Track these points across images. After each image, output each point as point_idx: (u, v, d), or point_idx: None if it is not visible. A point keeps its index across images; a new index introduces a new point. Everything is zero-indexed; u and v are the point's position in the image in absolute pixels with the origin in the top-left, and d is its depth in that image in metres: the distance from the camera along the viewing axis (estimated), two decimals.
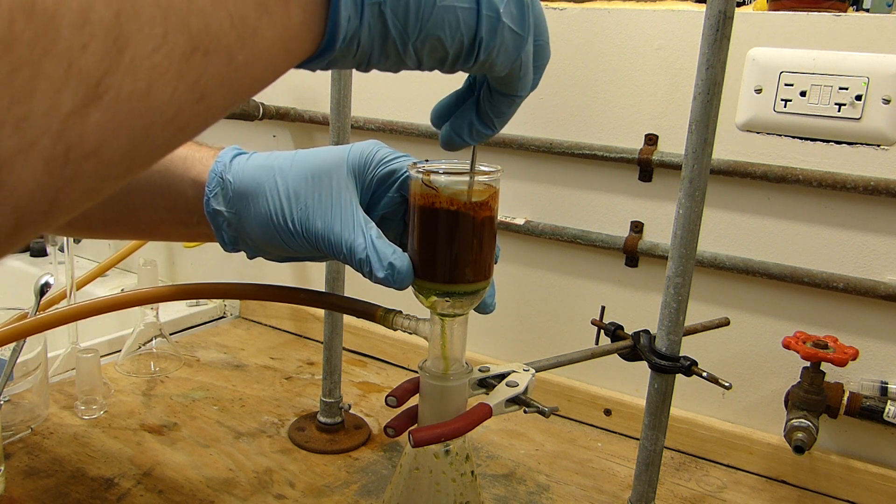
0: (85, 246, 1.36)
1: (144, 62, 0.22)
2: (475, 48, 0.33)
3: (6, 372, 0.71)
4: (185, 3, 0.23)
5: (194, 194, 0.50)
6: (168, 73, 0.23)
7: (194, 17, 0.24)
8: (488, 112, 0.39)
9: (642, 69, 0.80)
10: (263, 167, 0.49)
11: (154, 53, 0.22)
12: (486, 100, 0.39)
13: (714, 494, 0.75)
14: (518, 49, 0.35)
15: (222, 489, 0.70)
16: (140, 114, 0.23)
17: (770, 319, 0.78)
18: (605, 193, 0.85)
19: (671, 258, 0.56)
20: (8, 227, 0.21)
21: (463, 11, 0.32)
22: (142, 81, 0.22)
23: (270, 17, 0.27)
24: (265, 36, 0.27)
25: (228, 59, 0.25)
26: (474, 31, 0.33)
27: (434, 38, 0.32)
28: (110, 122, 0.22)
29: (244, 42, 0.26)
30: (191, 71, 0.24)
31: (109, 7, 0.21)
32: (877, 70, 0.68)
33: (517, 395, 0.51)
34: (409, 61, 0.33)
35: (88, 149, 0.22)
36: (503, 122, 0.40)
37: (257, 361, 1.00)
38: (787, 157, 0.74)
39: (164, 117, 0.24)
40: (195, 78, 0.24)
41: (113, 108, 0.22)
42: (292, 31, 0.28)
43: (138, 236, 0.61)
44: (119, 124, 0.22)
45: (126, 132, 0.23)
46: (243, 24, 0.26)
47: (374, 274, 0.45)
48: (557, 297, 0.91)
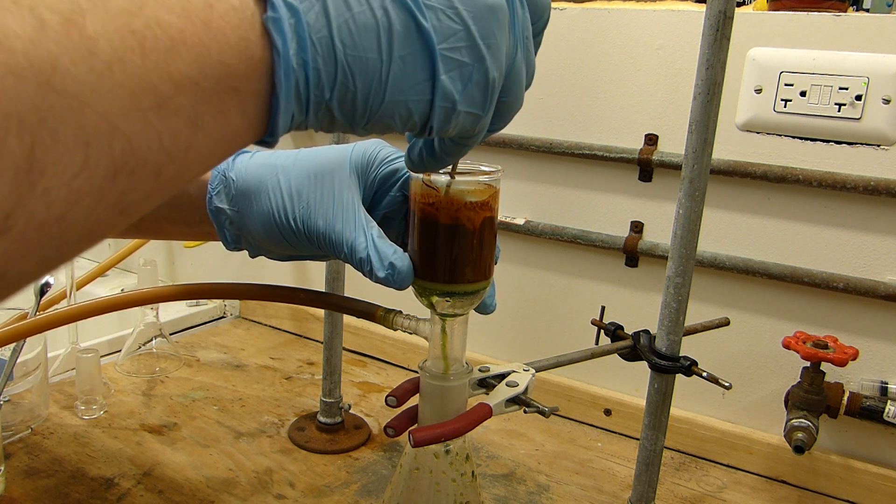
0: None
1: (61, 191, 0.21)
2: (426, 130, 0.32)
3: (6, 372, 0.71)
4: (108, 129, 0.22)
5: (197, 192, 0.50)
6: (87, 196, 0.22)
7: (118, 142, 0.22)
8: (441, 152, 0.38)
9: (642, 69, 0.80)
10: (266, 165, 0.49)
11: (72, 181, 0.21)
12: (439, 142, 0.38)
13: (714, 494, 0.75)
14: (475, 124, 0.34)
15: (222, 489, 0.70)
16: (53, 237, 0.22)
17: (770, 319, 0.78)
18: (605, 193, 0.85)
19: (671, 258, 0.56)
20: None
21: (415, 104, 0.31)
22: (57, 209, 0.21)
23: (206, 132, 0.26)
24: (199, 148, 0.26)
25: (156, 175, 0.24)
26: (426, 119, 0.32)
27: (382, 124, 0.31)
28: (19, 249, 0.21)
29: (174, 157, 0.25)
30: (113, 191, 0.23)
31: (23, 142, 0.20)
32: (877, 70, 0.68)
33: (517, 395, 0.51)
34: (357, 135, 0.33)
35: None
36: (455, 160, 0.39)
37: (257, 361, 1.00)
38: (787, 157, 0.75)
39: (79, 235, 0.23)
40: (117, 197, 0.23)
41: (22, 237, 0.21)
42: (230, 138, 0.27)
43: (140, 235, 0.61)
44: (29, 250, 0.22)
45: (35, 256, 0.22)
46: (174, 142, 0.24)
47: (374, 273, 0.45)
48: (557, 297, 0.91)
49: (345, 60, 0.28)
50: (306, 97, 0.29)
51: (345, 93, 0.29)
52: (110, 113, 0.22)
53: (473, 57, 0.31)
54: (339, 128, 0.32)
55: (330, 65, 0.28)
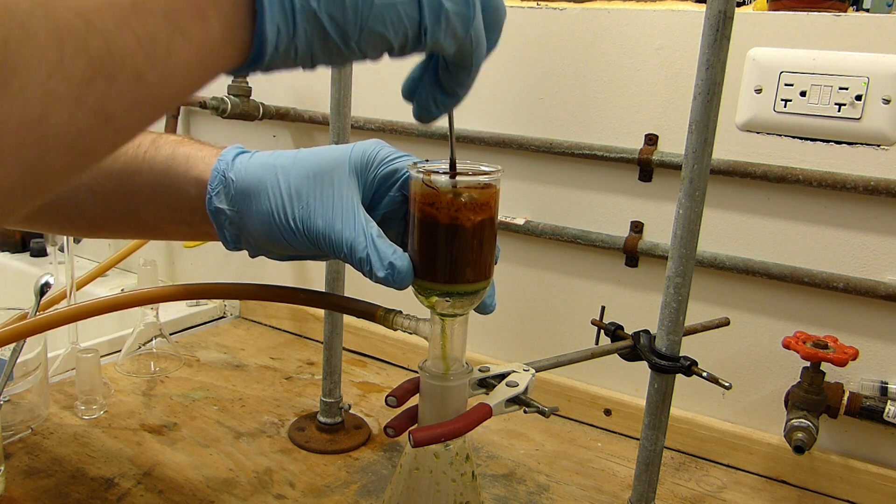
0: (85, 246, 1.36)
1: (37, 89, 0.21)
2: (421, 37, 0.32)
3: (6, 372, 0.71)
4: (84, 25, 0.22)
5: (197, 193, 0.50)
6: (65, 98, 0.22)
7: (94, 40, 0.22)
8: (449, 83, 0.38)
9: (642, 69, 0.80)
10: (266, 165, 0.49)
11: (48, 80, 0.21)
12: (444, 72, 0.38)
13: (714, 494, 0.75)
14: (466, 26, 0.34)
15: (222, 489, 0.70)
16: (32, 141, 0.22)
17: (770, 319, 0.78)
18: (605, 193, 0.85)
19: (671, 258, 0.56)
20: None
21: (403, 5, 0.31)
22: (34, 109, 0.21)
23: (184, 35, 0.25)
24: (179, 53, 0.25)
25: (137, 80, 0.24)
26: (418, 22, 0.32)
27: (376, 34, 0.31)
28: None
29: (155, 62, 0.24)
30: (92, 94, 0.23)
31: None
32: (877, 70, 0.68)
33: (517, 395, 0.51)
34: (354, 57, 0.32)
35: None
36: (466, 89, 0.39)
37: (257, 361, 1.00)
38: (787, 157, 0.75)
39: (63, 143, 0.23)
40: (98, 101, 0.23)
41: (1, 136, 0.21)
42: (212, 46, 0.27)
43: (140, 235, 0.61)
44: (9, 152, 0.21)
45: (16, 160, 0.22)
46: (152, 43, 0.24)
47: (374, 273, 0.45)
48: (557, 297, 0.91)
49: None
50: (291, 3, 0.28)
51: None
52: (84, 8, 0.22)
53: None
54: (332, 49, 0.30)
55: None
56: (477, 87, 0.40)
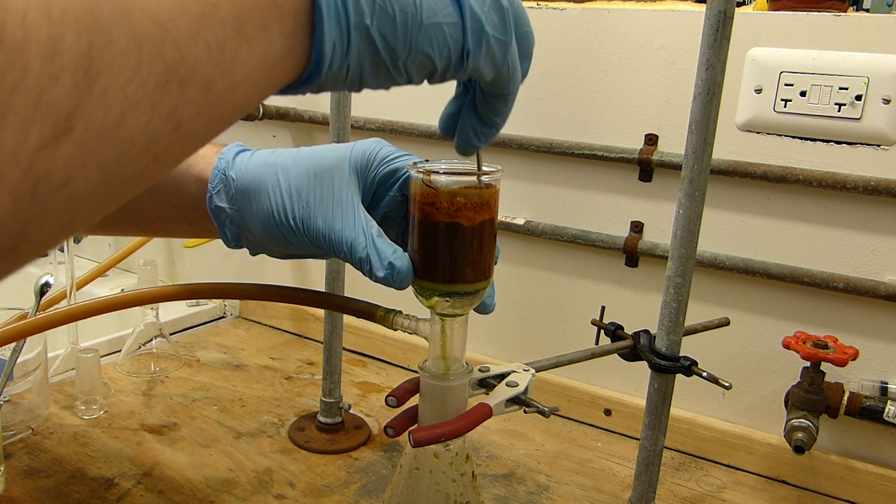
0: (85, 246, 1.36)
1: (117, 93, 0.22)
2: (463, 60, 0.34)
3: (6, 372, 0.71)
4: (160, 32, 0.23)
5: (198, 191, 0.50)
6: (142, 103, 0.23)
7: (169, 47, 0.23)
8: (487, 114, 0.40)
9: (642, 69, 0.80)
10: (266, 164, 0.49)
11: (127, 84, 0.22)
12: (482, 102, 0.39)
13: (714, 494, 0.75)
14: (504, 53, 0.36)
15: (222, 489, 0.70)
16: (112, 145, 0.22)
17: (770, 319, 0.78)
18: (605, 193, 0.85)
19: (671, 258, 0.56)
20: None
21: (449, 27, 0.33)
22: (114, 113, 0.22)
23: (250, 46, 0.26)
24: (245, 64, 0.26)
25: (206, 88, 0.25)
26: (461, 45, 0.33)
27: (423, 55, 0.33)
28: (80, 154, 0.21)
29: (223, 70, 0.25)
30: (166, 100, 0.23)
31: (80, 39, 0.20)
32: (877, 70, 0.68)
33: (517, 395, 0.51)
34: (400, 79, 0.34)
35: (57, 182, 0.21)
36: (503, 118, 0.40)
37: (257, 361, 1.00)
38: (787, 157, 0.75)
39: (138, 148, 0.23)
40: (171, 107, 0.24)
41: (83, 141, 0.21)
42: (274, 58, 0.28)
43: (142, 233, 0.61)
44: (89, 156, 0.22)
45: (96, 164, 0.22)
46: (221, 52, 0.25)
47: (374, 273, 0.45)
48: (557, 297, 0.91)
49: None
50: (346, 20, 0.30)
51: (385, 18, 0.30)
52: (160, 16, 0.23)
53: None
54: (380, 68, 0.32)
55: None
56: None
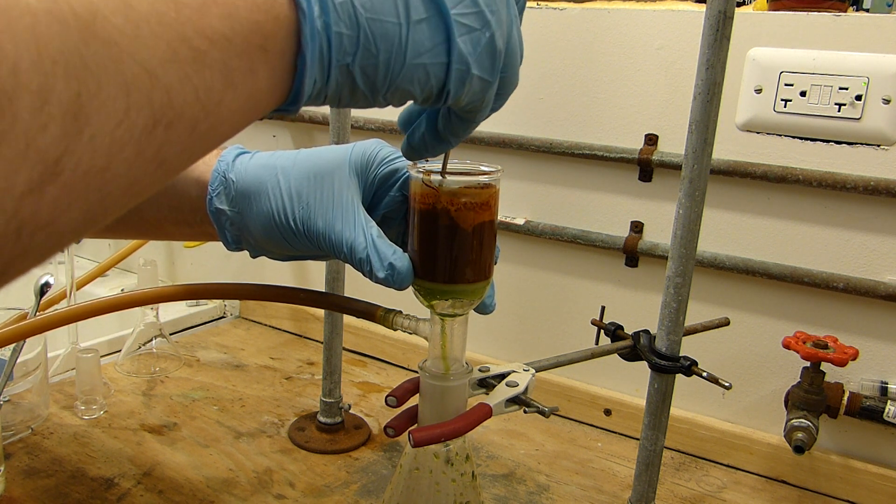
0: (85, 246, 1.36)
1: (105, 138, 0.22)
2: (443, 95, 0.34)
3: (6, 372, 0.71)
4: (149, 78, 0.23)
5: (197, 193, 0.50)
6: (128, 146, 0.23)
7: (158, 92, 0.23)
8: (445, 131, 0.39)
9: (642, 69, 0.80)
10: (266, 166, 0.49)
11: (115, 129, 0.22)
12: (444, 119, 0.38)
13: (714, 494, 0.75)
14: (485, 92, 0.35)
15: (222, 489, 0.70)
16: (97, 187, 0.23)
17: (770, 319, 0.78)
18: (605, 193, 0.85)
19: (671, 258, 0.56)
20: None
21: (433, 67, 0.32)
22: (101, 157, 0.22)
23: (235, 89, 0.27)
24: (231, 104, 0.27)
25: (191, 129, 0.25)
26: (443, 83, 0.33)
27: (402, 90, 0.33)
28: (66, 197, 0.22)
29: (208, 112, 0.26)
30: (152, 143, 0.24)
31: (70, 87, 0.21)
32: (877, 70, 0.68)
33: (517, 395, 0.51)
34: (378, 105, 0.34)
35: (41, 223, 0.22)
36: (459, 140, 0.40)
37: (257, 361, 1.00)
38: (787, 157, 0.75)
39: (121, 187, 0.24)
40: (156, 149, 0.24)
41: (70, 185, 0.22)
42: (258, 97, 0.28)
43: (142, 235, 0.61)
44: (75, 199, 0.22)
45: (81, 205, 0.23)
46: (208, 95, 0.25)
47: (374, 274, 0.45)
48: (557, 297, 0.91)
49: (366, 24, 0.30)
50: (328, 60, 0.30)
51: (367, 57, 0.31)
52: (149, 63, 0.23)
53: (482, 23, 0.33)
54: (359, 97, 0.32)
55: (352, 28, 0.30)
56: None
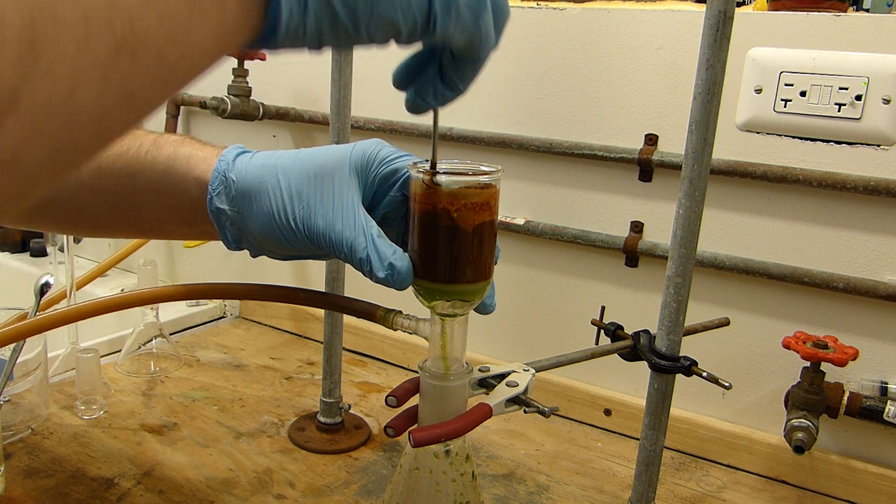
0: (85, 246, 1.37)
1: (64, 68, 0.22)
2: (430, 24, 0.32)
3: (6, 372, 0.71)
4: (108, 5, 0.22)
5: (198, 193, 0.50)
6: (91, 76, 0.22)
7: (118, 19, 0.23)
8: (452, 77, 0.38)
9: (642, 69, 0.80)
10: (266, 166, 0.49)
11: (75, 58, 0.22)
12: (449, 64, 0.38)
13: (714, 494, 0.75)
14: (477, 18, 0.34)
15: (222, 489, 0.70)
16: (61, 119, 0.22)
17: (770, 319, 0.78)
18: (605, 193, 0.85)
19: (671, 258, 0.56)
20: None
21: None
22: (62, 87, 0.22)
23: (203, 14, 0.26)
24: (198, 32, 0.26)
25: (158, 59, 0.25)
26: (427, 9, 0.32)
27: (386, 19, 0.31)
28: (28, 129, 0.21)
29: (175, 40, 0.25)
30: (116, 73, 0.23)
31: (22, 14, 0.20)
32: (877, 70, 0.68)
33: (517, 395, 0.51)
34: (361, 42, 0.32)
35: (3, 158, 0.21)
36: (468, 84, 0.39)
37: (257, 361, 1.00)
38: (787, 157, 0.75)
39: (89, 120, 0.23)
40: (121, 79, 0.23)
41: (30, 115, 0.21)
42: (228, 25, 0.27)
43: (142, 235, 0.61)
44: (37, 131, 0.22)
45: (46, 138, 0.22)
46: (172, 22, 0.25)
47: (374, 274, 0.45)
48: (557, 297, 0.91)
49: None
50: None
51: None
52: None
53: None
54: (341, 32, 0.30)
55: None
56: (477, 87, 0.40)
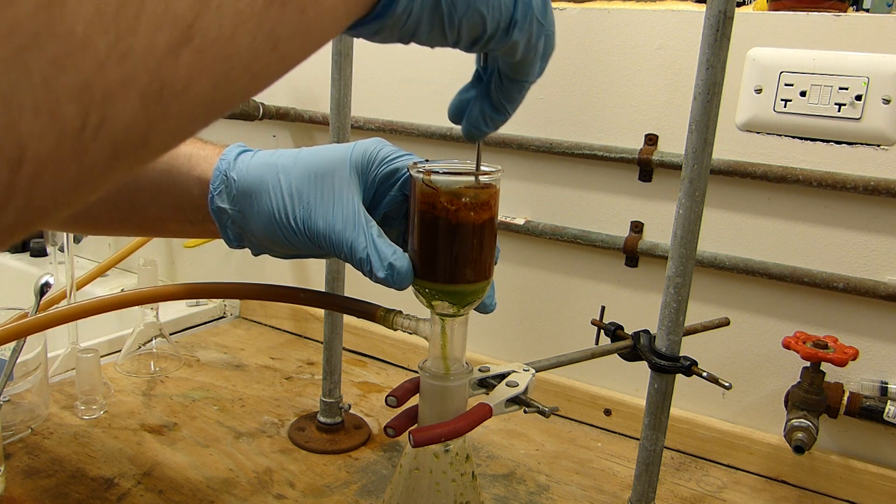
0: (85, 246, 1.36)
1: (230, 9, 0.24)
2: (509, 29, 0.36)
3: (6, 372, 0.71)
4: None
5: (199, 192, 0.50)
6: (249, 20, 0.25)
7: None
8: (500, 99, 0.41)
9: (642, 69, 0.80)
10: (267, 165, 0.49)
11: (238, 1, 0.24)
12: (497, 87, 0.41)
13: (714, 494, 0.75)
14: (538, 36, 0.37)
15: (222, 489, 0.70)
16: (223, 57, 0.24)
17: (770, 319, 0.78)
18: (605, 193, 0.85)
19: (671, 258, 0.56)
20: (105, 158, 0.22)
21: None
22: (227, 27, 0.24)
23: None
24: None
25: (301, 11, 0.27)
26: (511, 13, 0.35)
27: (478, 15, 0.34)
28: (198, 63, 0.23)
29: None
30: (268, 19, 0.25)
31: None
32: (877, 70, 0.68)
33: (517, 395, 0.51)
34: (451, 36, 0.35)
35: (178, 88, 0.23)
36: (514, 107, 0.42)
37: (257, 361, 1.00)
38: (787, 157, 0.75)
39: (243, 63, 0.25)
40: (271, 26, 0.26)
41: (201, 51, 0.23)
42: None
43: (144, 233, 0.62)
44: (205, 66, 0.24)
45: (210, 75, 0.24)
46: None
47: (374, 274, 0.45)
48: (557, 297, 0.91)
49: None
50: None
51: None
52: None
53: None
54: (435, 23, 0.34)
55: None
56: None
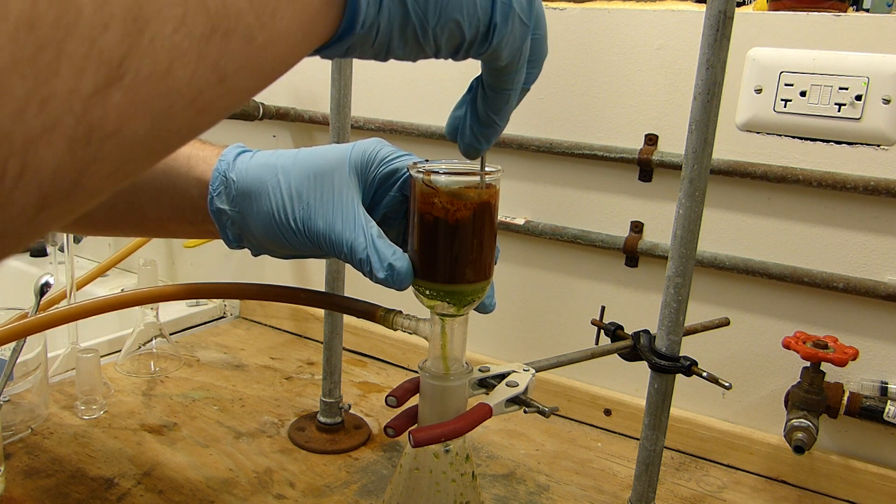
0: (85, 246, 1.36)
1: (164, 42, 0.22)
2: (490, 34, 0.34)
3: (6, 372, 0.71)
4: None
5: (199, 193, 0.50)
6: (188, 53, 0.23)
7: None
8: (486, 112, 0.40)
9: (642, 69, 0.80)
10: (266, 166, 0.49)
11: (174, 34, 0.23)
12: (482, 99, 0.40)
13: (714, 494, 0.75)
14: (523, 39, 0.36)
15: (222, 489, 0.70)
16: (160, 95, 0.23)
17: (770, 319, 0.78)
18: (605, 193, 0.85)
19: (671, 258, 0.56)
20: (31, 207, 0.21)
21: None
22: (162, 62, 0.23)
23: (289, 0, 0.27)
24: (284, 16, 0.27)
25: (248, 40, 0.26)
26: (489, 17, 0.34)
27: (453, 23, 0.33)
28: (131, 102, 0.22)
29: (263, 23, 0.26)
30: (210, 52, 0.24)
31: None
32: (877, 70, 0.68)
33: (517, 395, 0.51)
34: (428, 48, 0.34)
35: (110, 129, 0.22)
36: (503, 118, 0.41)
37: (257, 361, 1.00)
38: (787, 157, 0.75)
39: (185, 99, 0.24)
40: (215, 59, 0.25)
41: (133, 89, 0.22)
42: (312, 12, 0.29)
43: (144, 233, 0.61)
44: (139, 105, 0.23)
45: (146, 113, 0.23)
46: (262, 5, 0.26)
47: (374, 274, 0.45)
48: (557, 297, 0.91)
49: None
50: None
51: None
52: None
53: None
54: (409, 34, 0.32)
55: None
56: None
